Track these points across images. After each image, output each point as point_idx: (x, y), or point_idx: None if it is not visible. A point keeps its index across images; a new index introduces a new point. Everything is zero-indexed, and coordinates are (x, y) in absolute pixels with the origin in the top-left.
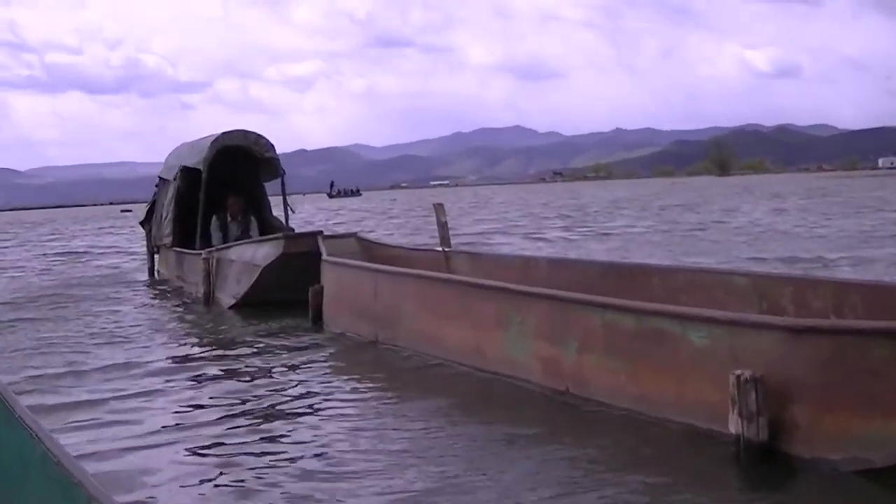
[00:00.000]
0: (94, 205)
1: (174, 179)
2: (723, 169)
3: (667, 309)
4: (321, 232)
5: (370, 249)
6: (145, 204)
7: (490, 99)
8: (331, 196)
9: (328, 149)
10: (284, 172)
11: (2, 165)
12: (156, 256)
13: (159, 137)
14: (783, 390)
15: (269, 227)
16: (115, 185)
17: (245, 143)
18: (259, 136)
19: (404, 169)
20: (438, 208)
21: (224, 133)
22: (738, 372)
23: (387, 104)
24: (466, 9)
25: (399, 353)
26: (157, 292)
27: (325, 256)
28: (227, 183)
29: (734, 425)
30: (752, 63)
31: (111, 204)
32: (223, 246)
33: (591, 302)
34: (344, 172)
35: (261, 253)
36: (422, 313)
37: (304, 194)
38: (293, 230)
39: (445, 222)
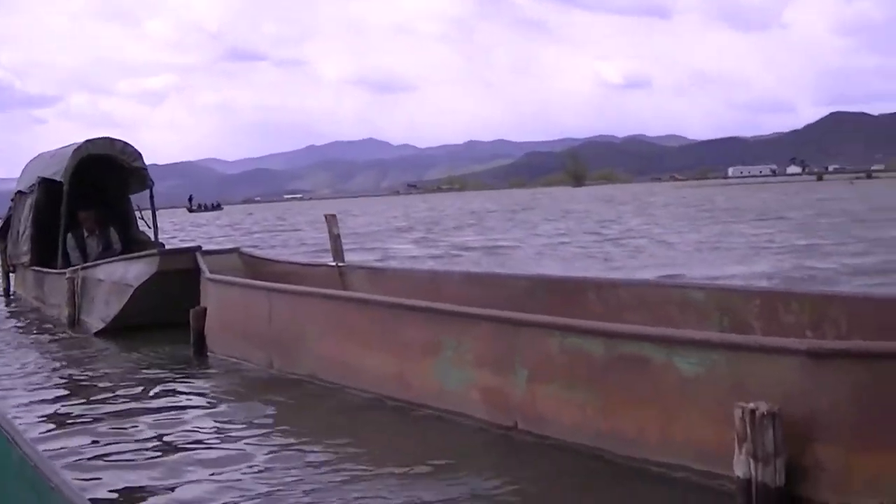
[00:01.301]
0: None
1: (32, 192)
2: (577, 179)
3: (647, 332)
4: (199, 247)
5: (255, 265)
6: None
7: (343, 112)
8: (191, 210)
9: (181, 163)
10: (153, 183)
11: None
12: (11, 276)
13: (10, 153)
14: (804, 426)
15: (134, 242)
16: None
17: (111, 152)
18: (126, 143)
19: (257, 183)
20: (331, 220)
21: (88, 141)
22: (751, 406)
23: (239, 118)
24: (320, 22)
25: (301, 383)
26: (12, 315)
27: (207, 274)
28: (90, 195)
29: (742, 468)
30: (603, 75)
31: None
32: (90, 264)
33: (549, 324)
34: (197, 187)
35: (132, 271)
36: (329, 338)
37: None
38: (163, 246)
39: (338, 235)
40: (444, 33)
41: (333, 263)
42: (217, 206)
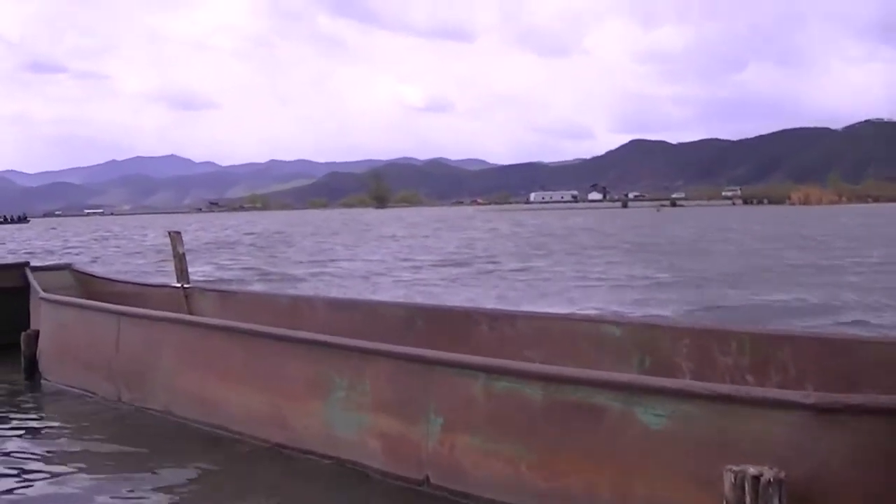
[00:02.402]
0: None
1: None
2: (380, 201)
3: (601, 377)
4: (28, 263)
5: (89, 284)
6: None
7: (145, 128)
8: None
9: None
10: None
11: None
12: None
13: None
14: (809, 494)
15: None
16: None
17: None
18: None
19: (57, 197)
20: (175, 237)
21: None
22: (752, 470)
23: (39, 130)
24: (120, 36)
25: (154, 418)
26: None
27: (41, 294)
28: None
29: None
30: (405, 97)
31: None
32: None
33: (472, 364)
34: None
35: None
36: (190, 369)
37: None
38: None
39: (183, 254)
40: (244, 51)
41: (178, 285)
42: (23, 219)
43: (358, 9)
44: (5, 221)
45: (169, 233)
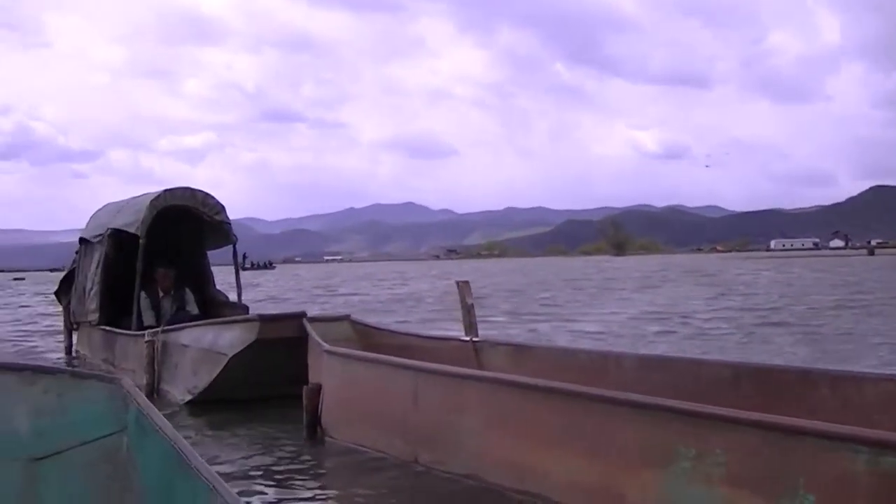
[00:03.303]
0: None
1: (101, 244)
2: (619, 249)
3: None
4: (304, 313)
5: (369, 335)
6: (48, 271)
7: (382, 175)
8: (244, 268)
9: None
10: (237, 239)
11: None
12: (74, 334)
13: (52, 205)
14: None
15: (213, 303)
16: (6, 252)
17: (192, 204)
18: (207, 194)
19: (296, 243)
20: (464, 287)
21: (167, 190)
22: None
23: (278, 178)
24: (357, 85)
25: (455, 483)
26: None
27: (325, 346)
28: (165, 250)
29: None
30: (641, 144)
31: (2, 271)
32: (173, 327)
33: (851, 436)
34: (239, 246)
35: (226, 338)
36: (501, 431)
37: None
38: (247, 308)
39: (472, 305)
40: (482, 99)
41: (467, 338)
42: (270, 265)
43: (595, 57)
44: (253, 267)
45: (457, 282)
